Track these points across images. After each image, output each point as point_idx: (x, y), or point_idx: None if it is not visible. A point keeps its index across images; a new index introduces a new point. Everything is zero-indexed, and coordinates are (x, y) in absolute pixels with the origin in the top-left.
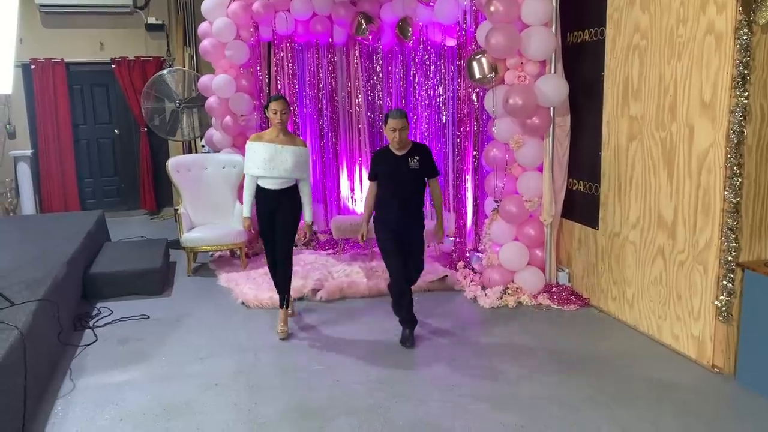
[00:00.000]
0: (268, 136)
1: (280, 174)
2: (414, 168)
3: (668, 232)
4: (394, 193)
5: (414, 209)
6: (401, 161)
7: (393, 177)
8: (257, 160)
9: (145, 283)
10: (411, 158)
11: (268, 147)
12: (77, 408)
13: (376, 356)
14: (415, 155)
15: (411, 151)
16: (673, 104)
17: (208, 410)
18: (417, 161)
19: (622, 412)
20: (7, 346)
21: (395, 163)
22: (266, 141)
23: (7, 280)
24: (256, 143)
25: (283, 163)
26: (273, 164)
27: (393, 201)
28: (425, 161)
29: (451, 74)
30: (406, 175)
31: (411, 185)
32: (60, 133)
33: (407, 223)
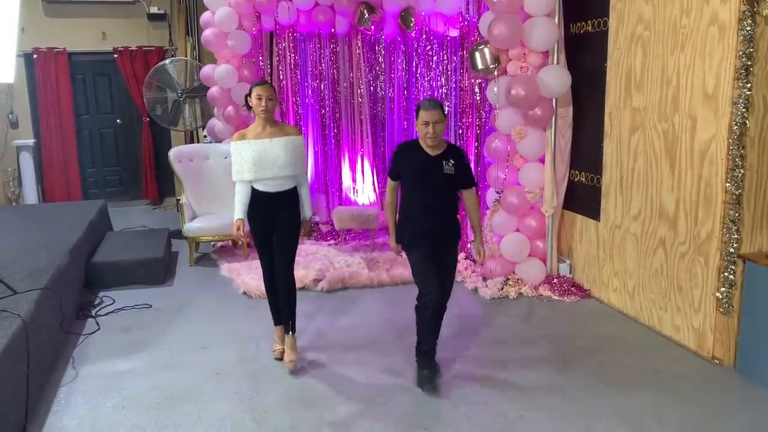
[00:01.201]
0: (253, 131)
1: (275, 174)
2: (449, 173)
3: (670, 224)
4: (423, 200)
5: (446, 216)
6: (434, 163)
7: (423, 180)
8: (244, 162)
9: (148, 273)
10: (446, 161)
11: (254, 145)
12: (80, 396)
13: (377, 346)
14: (450, 158)
15: (446, 152)
16: (676, 95)
17: (209, 398)
18: (452, 166)
19: (623, 403)
20: (9, 334)
21: (426, 163)
22: (251, 138)
23: (10, 269)
24: (240, 143)
25: (276, 161)
26: (264, 164)
27: (420, 209)
28: (462, 167)
29: (454, 65)
30: (439, 181)
31: (444, 193)
32: (62, 123)
33: (440, 232)
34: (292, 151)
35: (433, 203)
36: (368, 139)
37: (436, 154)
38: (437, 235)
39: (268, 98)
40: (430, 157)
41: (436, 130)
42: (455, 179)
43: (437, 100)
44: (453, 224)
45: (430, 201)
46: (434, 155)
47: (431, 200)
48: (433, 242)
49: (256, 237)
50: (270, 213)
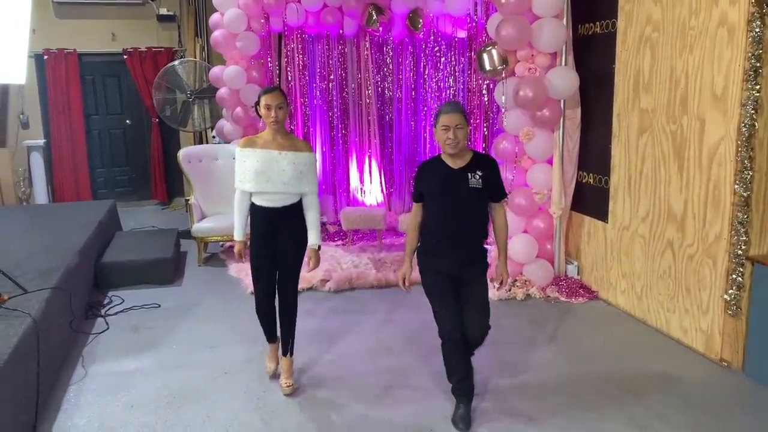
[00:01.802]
0: (262, 140)
1: (277, 188)
2: (475, 187)
3: (678, 226)
4: (446, 220)
5: (473, 242)
6: (457, 177)
7: (444, 196)
8: (247, 171)
9: (157, 273)
10: (471, 173)
11: (260, 154)
12: (89, 395)
13: (385, 346)
14: (476, 169)
15: (472, 163)
16: (685, 97)
17: (218, 398)
18: (479, 178)
19: (630, 405)
20: (20, 333)
21: (449, 178)
22: (259, 147)
23: (21, 268)
24: (247, 150)
25: (281, 175)
26: (267, 176)
27: (443, 231)
28: (490, 178)
29: (462, 66)
30: (463, 196)
31: (469, 210)
32: (72, 123)
33: (463, 260)
34: (300, 167)
35: (456, 222)
36: (376, 140)
37: (459, 167)
38: (461, 259)
39: (278, 107)
40: (453, 170)
41: (457, 135)
42: (484, 193)
43: (459, 103)
44: (480, 249)
45: (454, 220)
46: (457, 168)
47: (455, 219)
48: (457, 267)
49: (253, 256)
50: (270, 230)
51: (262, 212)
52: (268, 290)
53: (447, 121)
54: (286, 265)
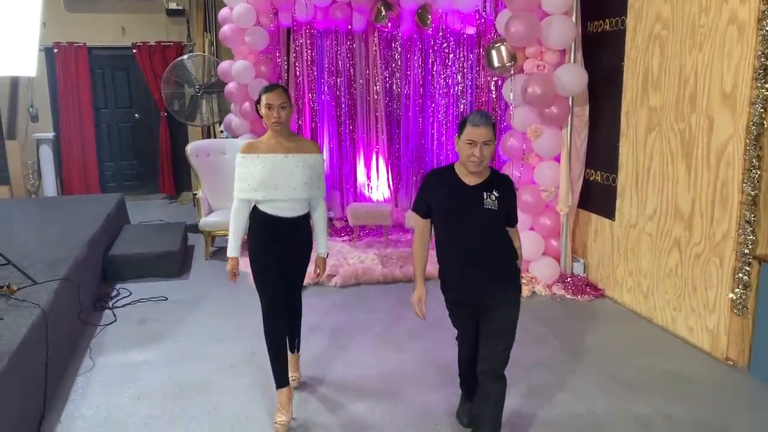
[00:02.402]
0: (266, 144)
1: (287, 195)
2: (490, 209)
3: (685, 224)
4: (455, 245)
5: (492, 266)
6: (471, 195)
7: (457, 218)
8: (251, 179)
9: (164, 266)
10: (488, 192)
11: (265, 160)
12: (97, 386)
13: (390, 342)
14: (493, 189)
15: (489, 181)
16: (693, 95)
17: (224, 390)
18: (495, 199)
19: (635, 402)
20: (29, 323)
21: (461, 195)
22: (263, 152)
23: (30, 259)
24: (249, 156)
25: (289, 180)
26: (275, 182)
27: (453, 258)
28: (507, 201)
29: (470, 62)
30: (476, 219)
31: (482, 235)
32: (81, 117)
33: (482, 288)
34: (309, 170)
35: (467, 248)
36: (383, 136)
37: (475, 184)
38: (478, 288)
39: (281, 106)
40: (467, 187)
41: (483, 153)
42: (498, 217)
43: (489, 114)
44: (504, 271)
45: (464, 245)
46: (473, 185)
47: (465, 244)
48: (474, 297)
49: (259, 270)
50: (278, 242)
51: (270, 222)
52: (282, 309)
53: (474, 135)
54: (293, 278)
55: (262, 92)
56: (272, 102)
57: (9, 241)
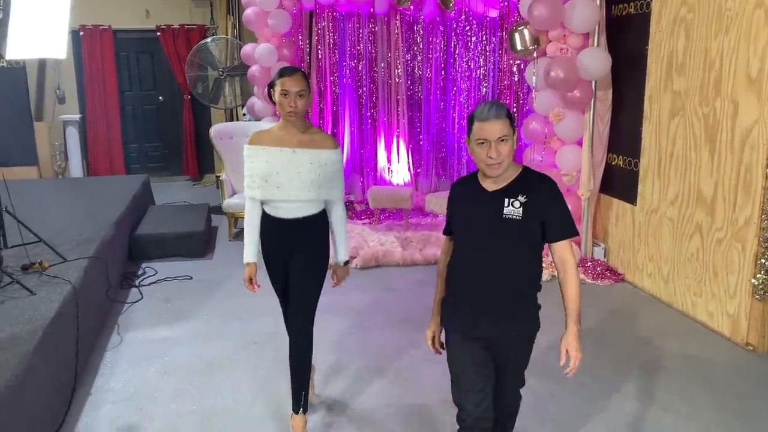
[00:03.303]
0: (274, 135)
1: (290, 196)
2: (511, 217)
3: (707, 209)
4: (470, 261)
5: (508, 295)
6: (489, 202)
7: (471, 229)
8: (256, 174)
9: (189, 246)
10: (510, 198)
11: (269, 153)
12: (124, 361)
13: (409, 322)
14: (517, 193)
15: (514, 185)
16: (718, 79)
17: (247, 366)
18: (520, 205)
19: (652, 385)
20: (61, 299)
21: (479, 203)
22: (268, 144)
23: (60, 238)
24: (254, 148)
25: (295, 178)
26: (276, 180)
27: (466, 277)
28: (540, 206)
29: (493, 46)
30: (493, 230)
31: (501, 250)
32: (107, 99)
33: (494, 319)
34: (322, 168)
35: (483, 265)
36: (404, 119)
37: (496, 188)
38: (490, 318)
39: (298, 94)
40: (485, 193)
41: (501, 152)
42: (525, 227)
43: (500, 104)
44: (520, 304)
45: (481, 261)
46: (493, 190)
47: (482, 260)
48: (484, 328)
49: (273, 281)
50: (281, 248)
51: (276, 224)
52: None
53: (485, 132)
54: (297, 293)
55: (277, 76)
56: (289, 88)
57: (39, 219)
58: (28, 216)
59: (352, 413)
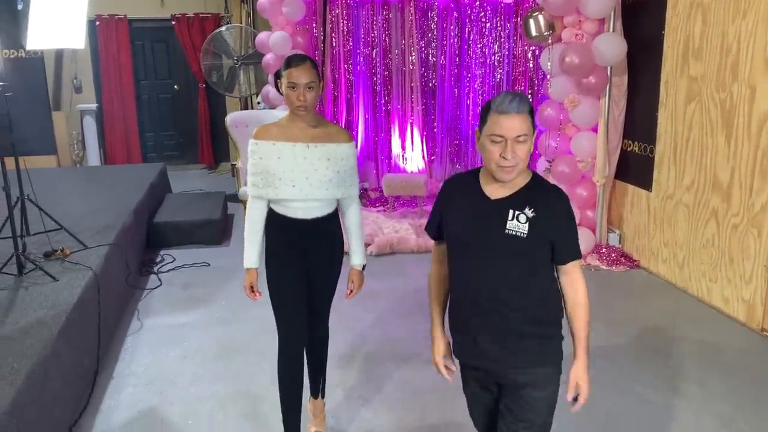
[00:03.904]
0: (283, 129)
1: (307, 195)
2: (515, 233)
3: (723, 195)
4: (469, 279)
5: (515, 321)
6: (491, 212)
7: (468, 243)
8: (267, 172)
9: (206, 233)
10: (515, 210)
11: (282, 150)
12: (145, 346)
13: (423, 308)
14: (525, 205)
15: (521, 194)
16: (735, 64)
17: (265, 351)
18: (526, 220)
19: (668, 370)
20: (83, 285)
21: (479, 212)
22: (278, 138)
23: (79, 226)
24: (263, 143)
25: (311, 175)
26: (292, 178)
27: (467, 298)
28: (548, 223)
29: (507, 32)
30: (493, 246)
31: (503, 270)
32: (123, 88)
33: (500, 349)
34: (337, 164)
35: (486, 285)
36: (418, 107)
37: (500, 196)
38: (496, 348)
39: (307, 86)
40: (487, 201)
41: (517, 154)
42: (531, 246)
43: (524, 96)
44: (534, 337)
45: (481, 281)
46: (497, 198)
47: (483, 280)
48: (490, 360)
49: (277, 287)
50: (296, 249)
51: (286, 224)
52: (302, 331)
53: (503, 127)
54: (318, 297)
55: (283, 66)
56: (297, 80)
57: (59, 207)
58: (48, 204)
59: (368, 398)
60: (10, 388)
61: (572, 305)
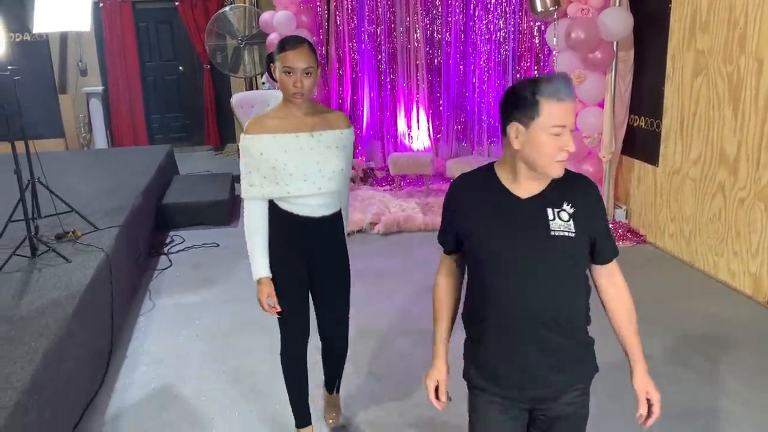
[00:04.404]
0: (281, 120)
1: (321, 188)
2: (563, 234)
3: (730, 169)
4: (502, 299)
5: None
6: (529, 213)
7: (506, 254)
8: (273, 169)
9: (214, 214)
10: (554, 208)
11: (286, 143)
12: (157, 325)
13: (431, 286)
14: (561, 200)
15: (553, 188)
16: (743, 37)
17: (274, 329)
18: (569, 217)
19: (674, 343)
20: (95, 266)
21: (511, 214)
22: (279, 131)
23: (89, 208)
24: (261, 138)
25: (323, 167)
26: (303, 172)
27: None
28: (589, 218)
29: (513, 7)
30: (542, 254)
31: (551, 280)
32: (128, 70)
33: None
34: (344, 151)
35: (540, 308)
36: (424, 84)
37: (531, 194)
38: (548, 380)
39: (305, 72)
40: (518, 200)
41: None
42: (580, 247)
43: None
44: (577, 350)
45: (521, 297)
46: (528, 197)
47: (524, 296)
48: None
49: (284, 287)
50: (301, 249)
51: (290, 222)
52: (304, 335)
53: (564, 118)
54: (332, 299)
55: (278, 49)
56: (293, 65)
57: (69, 190)
58: (58, 187)
59: (379, 374)
60: (29, 365)
61: (620, 309)
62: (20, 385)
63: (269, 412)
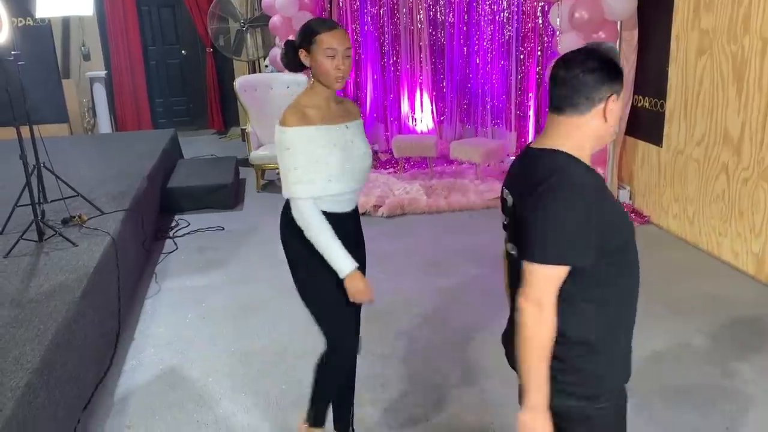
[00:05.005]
0: (320, 111)
1: (360, 181)
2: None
3: (734, 149)
4: (634, 296)
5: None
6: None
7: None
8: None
9: (219, 198)
10: None
11: (335, 133)
12: (164, 308)
13: (436, 267)
14: None
15: None
16: (748, 16)
17: (281, 310)
18: None
19: (676, 323)
20: (102, 249)
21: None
22: (321, 122)
23: (95, 192)
24: (311, 129)
25: (364, 159)
26: (356, 165)
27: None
28: None
29: None
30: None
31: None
32: (131, 55)
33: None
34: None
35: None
36: (427, 66)
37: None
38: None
39: (345, 54)
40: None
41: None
42: None
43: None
44: None
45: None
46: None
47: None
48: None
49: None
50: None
51: (342, 221)
52: (357, 341)
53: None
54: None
55: (313, 31)
56: (336, 45)
57: (74, 175)
58: (63, 171)
59: (385, 355)
60: (39, 347)
61: None
62: (30, 366)
63: (275, 393)
